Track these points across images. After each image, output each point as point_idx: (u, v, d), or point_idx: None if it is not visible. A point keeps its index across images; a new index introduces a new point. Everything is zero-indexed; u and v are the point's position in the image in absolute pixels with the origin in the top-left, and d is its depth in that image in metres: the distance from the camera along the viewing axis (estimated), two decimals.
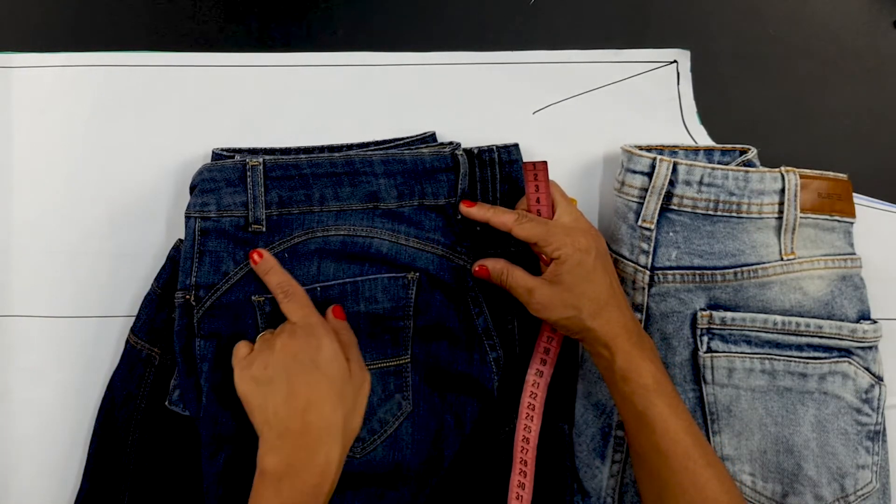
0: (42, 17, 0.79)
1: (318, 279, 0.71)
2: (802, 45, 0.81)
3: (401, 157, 0.73)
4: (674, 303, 0.73)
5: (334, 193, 0.72)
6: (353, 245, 0.72)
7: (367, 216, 0.72)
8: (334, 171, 0.72)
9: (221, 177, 0.71)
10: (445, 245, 0.73)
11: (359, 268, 0.72)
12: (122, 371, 0.75)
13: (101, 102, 0.78)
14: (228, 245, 0.71)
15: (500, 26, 0.80)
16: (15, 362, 0.78)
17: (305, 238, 0.71)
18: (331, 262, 0.72)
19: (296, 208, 0.72)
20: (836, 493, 0.73)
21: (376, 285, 0.71)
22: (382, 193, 0.72)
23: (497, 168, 0.76)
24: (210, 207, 0.71)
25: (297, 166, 0.72)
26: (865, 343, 0.74)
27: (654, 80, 0.80)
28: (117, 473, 0.75)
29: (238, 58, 0.79)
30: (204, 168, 0.72)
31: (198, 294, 0.70)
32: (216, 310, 0.70)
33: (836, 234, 0.75)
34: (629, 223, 0.74)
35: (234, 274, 0.71)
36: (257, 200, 0.71)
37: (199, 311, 0.70)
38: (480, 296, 0.73)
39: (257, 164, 0.71)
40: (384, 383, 0.72)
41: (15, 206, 0.79)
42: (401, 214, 0.73)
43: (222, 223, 0.71)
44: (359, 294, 0.71)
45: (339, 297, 0.71)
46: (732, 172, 0.72)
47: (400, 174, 0.73)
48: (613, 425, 0.74)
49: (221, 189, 0.71)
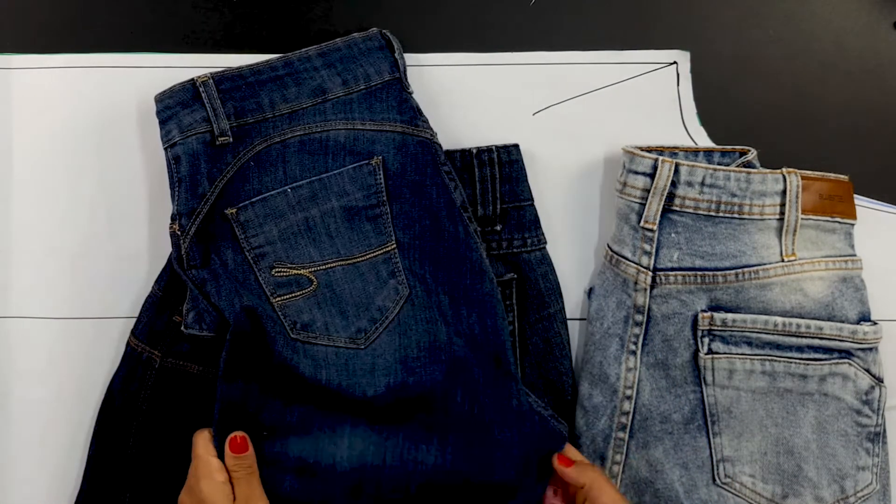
0: (42, 19, 0.79)
1: (286, 182, 0.72)
2: (802, 46, 0.81)
3: (335, 46, 0.74)
4: (675, 304, 0.73)
5: (282, 96, 0.73)
6: (311, 143, 0.73)
7: (319, 111, 0.73)
8: (276, 75, 0.73)
9: (174, 101, 0.72)
10: (403, 121, 0.74)
11: (322, 164, 0.73)
12: (123, 373, 0.75)
13: (101, 103, 0.78)
14: (200, 164, 0.71)
15: (500, 26, 0.80)
16: (15, 364, 0.78)
17: (266, 145, 0.72)
18: (294, 164, 0.73)
19: (250, 118, 0.72)
20: (836, 494, 0.73)
21: (343, 178, 0.72)
22: (327, 84, 0.74)
23: (497, 168, 0.76)
24: (173, 133, 0.72)
25: (241, 76, 0.73)
26: (866, 344, 0.74)
27: (654, 82, 0.80)
28: (117, 475, 0.75)
29: (238, 58, 0.79)
30: (155, 99, 0.72)
31: (181, 223, 0.71)
32: (200, 235, 0.71)
33: (837, 236, 0.75)
34: (631, 224, 0.74)
35: (210, 194, 0.71)
36: (217, 112, 0.72)
37: (184, 240, 0.71)
38: (453, 170, 0.74)
39: (206, 78, 0.72)
40: (377, 272, 0.73)
41: (15, 206, 0.79)
42: (350, 101, 0.74)
43: (189, 143, 0.71)
44: (328, 189, 0.72)
45: (310, 196, 0.72)
46: (734, 174, 0.72)
47: (338, 61, 0.74)
48: (614, 427, 0.74)
49: (178, 112, 0.72)
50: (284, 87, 0.73)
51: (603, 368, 0.75)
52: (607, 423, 0.75)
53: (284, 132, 0.73)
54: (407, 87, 0.75)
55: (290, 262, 0.72)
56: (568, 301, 0.78)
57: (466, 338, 0.72)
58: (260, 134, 0.72)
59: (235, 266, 0.72)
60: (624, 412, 0.74)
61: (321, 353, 0.72)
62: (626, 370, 0.74)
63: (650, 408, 0.74)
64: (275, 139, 0.72)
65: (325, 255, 0.72)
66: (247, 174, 0.72)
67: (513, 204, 0.77)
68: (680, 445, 0.74)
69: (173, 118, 0.72)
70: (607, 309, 0.75)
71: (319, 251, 0.72)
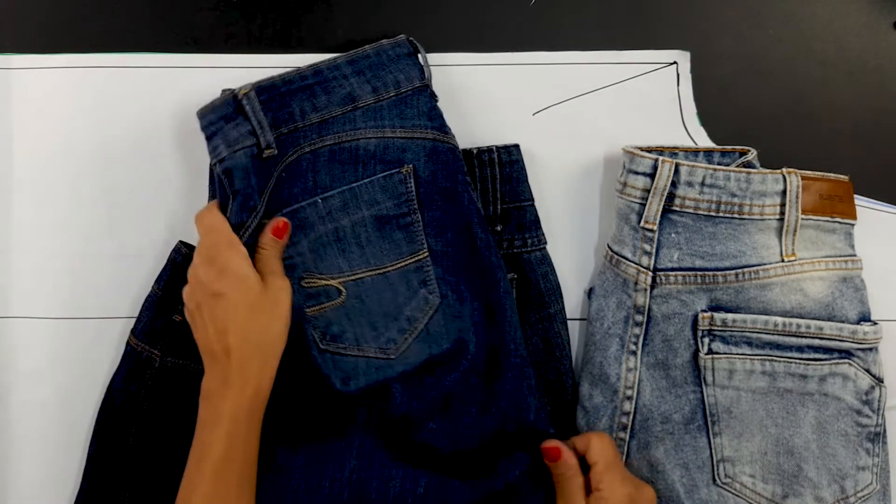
0: (42, 19, 0.79)
1: (315, 192, 0.72)
2: (802, 46, 0.81)
3: (364, 53, 0.74)
4: (675, 304, 0.73)
5: (312, 105, 0.72)
6: (341, 152, 0.72)
7: (349, 119, 0.73)
8: (306, 84, 0.72)
9: (217, 116, 0.71)
10: (434, 128, 0.74)
11: (352, 173, 0.72)
12: (123, 373, 0.75)
13: (101, 104, 0.78)
14: (251, 178, 0.70)
15: (500, 26, 0.80)
16: (15, 364, 0.78)
17: (297, 155, 0.72)
18: (325, 174, 0.72)
19: (284, 128, 0.72)
20: (836, 494, 0.73)
21: (374, 187, 0.72)
22: (357, 92, 0.73)
23: (497, 168, 0.76)
24: (220, 149, 0.70)
25: (274, 86, 0.72)
26: (866, 345, 0.74)
27: (654, 82, 0.80)
28: (117, 475, 0.75)
29: (238, 59, 0.79)
30: (197, 115, 0.72)
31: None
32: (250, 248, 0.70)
33: (837, 236, 0.75)
34: (631, 224, 0.74)
35: (260, 207, 0.70)
36: (262, 124, 0.70)
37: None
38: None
39: (249, 90, 0.71)
40: (407, 281, 0.72)
41: (15, 207, 0.79)
42: (381, 108, 0.73)
43: (237, 158, 0.69)
44: (359, 199, 0.72)
45: (340, 206, 0.72)
46: (734, 174, 0.72)
47: (367, 69, 0.74)
48: (615, 427, 0.74)
49: (223, 127, 0.71)
50: (314, 96, 0.72)
51: (603, 369, 0.75)
52: (608, 423, 0.75)
53: (314, 142, 0.72)
54: (434, 94, 0.75)
55: (319, 273, 0.72)
56: (568, 301, 0.78)
57: (494, 348, 0.72)
58: (292, 144, 0.72)
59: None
60: (624, 412, 0.74)
61: (351, 363, 0.72)
62: (626, 370, 0.74)
63: (650, 408, 0.74)
64: (305, 149, 0.72)
65: (354, 265, 0.72)
66: (280, 185, 0.72)
67: (513, 204, 0.77)
68: (680, 446, 0.74)
69: (218, 133, 0.70)
70: (607, 309, 0.75)
71: (348, 261, 0.72)
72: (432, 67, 0.76)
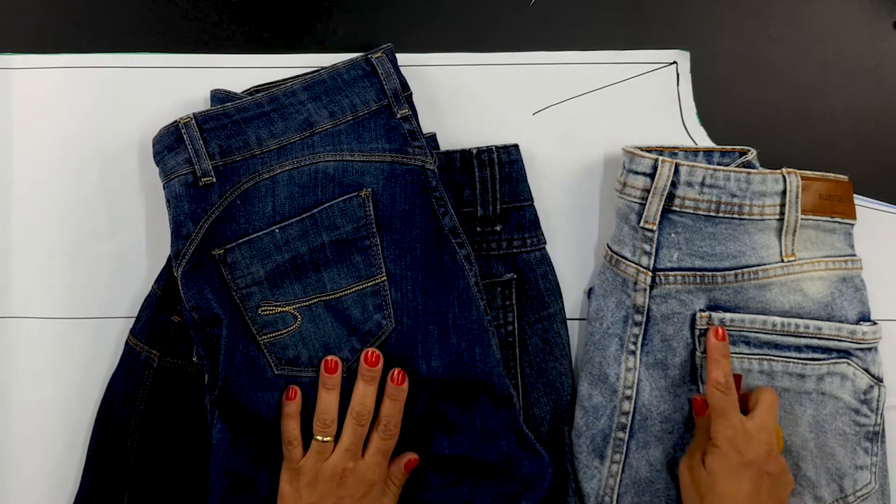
0: (42, 19, 0.79)
1: (274, 220, 0.72)
2: (802, 46, 0.81)
3: (320, 78, 0.74)
4: (674, 304, 0.73)
5: (269, 132, 0.72)
6: (300, 175, 0.72)
7: (307, 145, 0.73)
8: (262, 111, 0.73)
9: (162, 146, 0.72)
10: (392, 150, 0.73)
11: (312, 196, 0.72)
12: (121, 373, 0.75)
13: (101, 104, 0.78)
14: (184, 205, 0.71)
15: (500, 26, 0.80)
16: (14, 363, 0.78)
17: (254, 182, 0.72)
18: (283, 198, 0.72)
19: (237, 155, 0.72)
20: (834, 493, 0.73)
21: (333, 212, 0.72)
22: (314, 117, 0.73)
23: (497, 168, 0.76)
24: (161, 178, 0.72)
25: (226, 115, 0.72)
26: (865, 344, 0.74)
27: (654, 82, 0.80)
28: (116, 475, 0.75)
29: (238, 59, 0.79)
30: (152, 143, 0.72)
31: (171, 266, 0.71)
32: (189, 276, 0.71)
33: (837, 236, 0.75)
34: (631, 224, 0.74)
35: (195, 234, 0.71)
36: (199, 153, 0.71)
37: (180, 282, 0.70)
38: (446, 195, 0.73)
39: (188, 119, 0.71)
40: (363, 306, 0.72)
41: (15, 206, 0.79)
42: (338, 133, 0.73)
43: (172, 186, 0.71)
44: (319, 225, 0.72)
45: (299, 234, 0.72)
46: (734, 174, 0.72)
47: (324, 94, 0.74)
48: (614, 427, 0.74)
49: (165, 156, 0.72)
50: (271, 123, 0.73)
51: (602, 368, 0.75)
52: (607, 422, 0.75)
53: (273, 167, 0.72)
54: (407, 87, 0.74)
55: (275, 301, 0.72)
56: (568, 301, 0.78)
57: (454, 366, 0.73)
58: (248, 171, 0.72)
59: (229, 309, 0.72)
60: (624, 412, 0.74)
61: (305, 384, 0.72)
62: (625, 370, 0.74)
63: (650, 407, 0.74)
64: (263, 175, 0.72)
65: (310, 290, 0.72)
66: (233, 213, 0.71)
67: (513, 204, 0.77)
68: (680, 445, 0.74)
69: (160, 163, 0.72)
70: (607, 309, 0.75)
71: (304, 287, 0.72)
72: (432, 68, 0.77)
